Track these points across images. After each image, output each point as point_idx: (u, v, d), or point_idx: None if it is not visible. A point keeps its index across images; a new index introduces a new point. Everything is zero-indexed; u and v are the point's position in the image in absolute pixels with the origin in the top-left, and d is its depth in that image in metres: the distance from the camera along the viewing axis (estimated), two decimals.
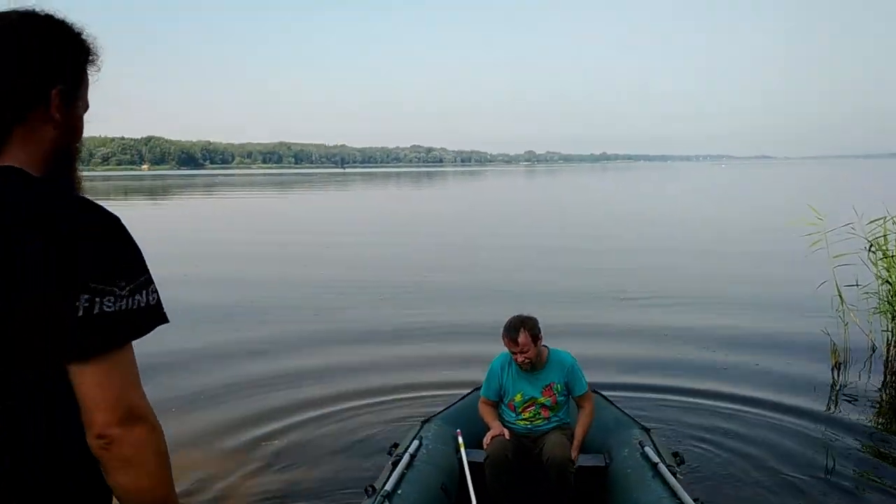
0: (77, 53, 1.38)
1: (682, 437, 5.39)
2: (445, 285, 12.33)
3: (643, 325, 8.79)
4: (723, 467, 4.94)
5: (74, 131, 1.41)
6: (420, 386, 6.57)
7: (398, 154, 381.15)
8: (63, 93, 1.34)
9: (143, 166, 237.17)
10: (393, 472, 3.70)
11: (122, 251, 1.25)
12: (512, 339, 3.97)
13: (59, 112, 1.34)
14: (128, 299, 1.22)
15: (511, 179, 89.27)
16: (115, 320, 1.20)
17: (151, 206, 41.19)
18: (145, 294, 1.25)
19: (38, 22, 1.34)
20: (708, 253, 15.78)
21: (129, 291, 1.23)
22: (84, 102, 1.43)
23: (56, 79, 1.33)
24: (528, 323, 3.99)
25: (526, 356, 3.98)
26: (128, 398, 1.23)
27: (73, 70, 1.37)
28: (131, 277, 1.24)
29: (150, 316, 1.27)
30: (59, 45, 1.34)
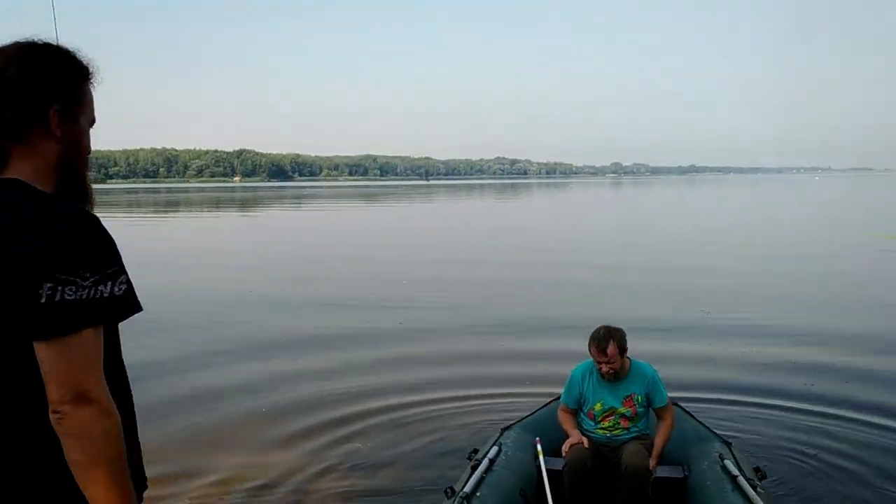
0: (71, 74, 1.53)
1: (774, 450, 5.33)
2: (531, 297, 12.38)
3: (728, 342, 8.64)
4: (817, 481, 4.86)
5: (77, 146, 1.55)
6: (500, 393, 6.69)
7: (482, 166, 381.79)
8: (61, 111, 1.49)
9: (235, 178, 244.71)
10: (472, 476, 3.80)
11: (90, 246, 1.37)
12: (601, 349, 4.02)
13: (60, 128, 1.50)
14: (90, 289, 1.35)
15: (596, 192, 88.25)
16: (75, 308, 1.33)
17: (249, 216, 42.56)
18: (110, 285, 1.37)
19: (35, 50, 1.50)
20: (798, 271, 15.32)
21: (93, 282, 1.35)
22: (87, 118, 1.58)
23: (53, 99, 1.48)
24: (616, 334, 4.05)
25: (612, 367, 4.04)
26: (80, 380, 1.34)
27: (70, 89, 1.52)
28: (96, 269, 1.36)
29: (114, 305, 1.39)
30: (54, 68, 1.49)
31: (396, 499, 4.75)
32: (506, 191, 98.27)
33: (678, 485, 4.03)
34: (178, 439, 5.80)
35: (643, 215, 38.23)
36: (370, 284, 14.03)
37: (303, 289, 13.65)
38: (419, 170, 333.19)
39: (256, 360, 8.18)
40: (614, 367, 4.05)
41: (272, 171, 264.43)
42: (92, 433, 1.35)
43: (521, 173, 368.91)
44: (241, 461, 5.41)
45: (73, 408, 1.34)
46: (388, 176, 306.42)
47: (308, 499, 4.79)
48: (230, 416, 6.41)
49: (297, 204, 60.05)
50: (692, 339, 8.81)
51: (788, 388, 6.86)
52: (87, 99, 1.58)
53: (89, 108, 1.58)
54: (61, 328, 1.33)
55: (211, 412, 6.47)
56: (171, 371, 7.65)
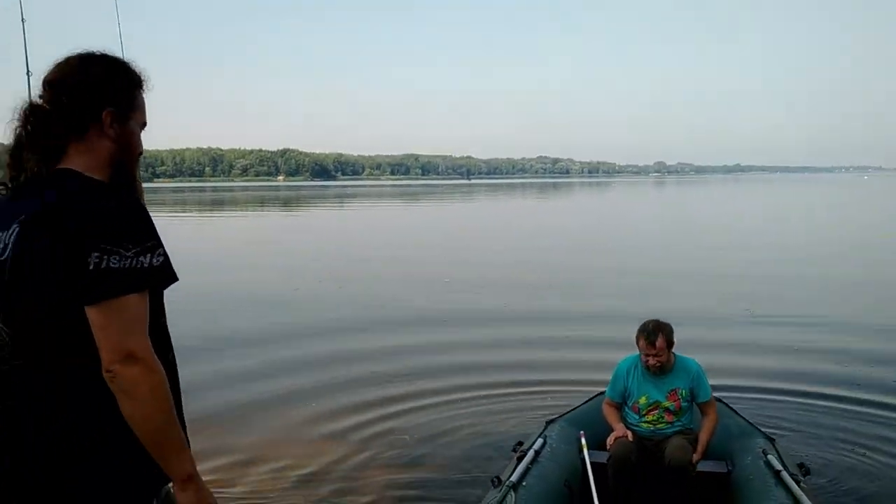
0: (124, 81, 1.74)
1: (820, 446, 5.39)
2: (577, 292, 12.44)
3: (775, 340, 8.62)
4: (864, 478, 4.90)
5: (128, 146, 1.75)
6: (547, 382, 6.93)
7: (524, 165, 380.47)
8: (114, 113, 1.70)
9: (279, 177, 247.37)
10: (518, 466, 3.90)
11: (131, 222, 1.56)
12: (650, 342, 4.10)
13: (112, 128, 1.71)
14: (132, 259, 1.52)
15: (639, 192, 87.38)
16: (119, 274, 1.51)
17: (294, 215, 43.10)
18: (149, 256, 1.55)
19: (94, 59, 1.73)
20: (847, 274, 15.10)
21: (135, 253, 1.53)
22: (138, 120, 1.78)
23: (107, 102, 1.70)
24: (665, 328, 4.13)
25: (659, 360, 4.12)
26: (127, 342, 1.51)
27: (122, 95, 1.73)
28: (138, 242, 1.54)
29: (153, 274, 1.57)
30: (109, 75, 1.71)
31: (443, 488, 4.89)
32: (547, 190, 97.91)
33: (721, 479, 4.08)
34: (224, 424, 6.03)
35: (689, 216, 37.82)
36: (414, 282, 14.23)
37: (348, 286, 13.87)
38: (460, 169, 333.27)
39: (303, 350, 8.53)
40: (661, 361, 4.12)
41: (315, 170, 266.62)
42: (140, 389, 1.52)
43: (564, 172, 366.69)
44: (288, 450, 5.59)
45: (122, 367, 1.51)
46: (429, 175, 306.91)
47: (355, 489, 4.94)
48: (278, 405, 6.63)
49: (340, 203, 60.64)
50: (737, 335, 8.81)
51: (835, 383, 6.88)
52: (139, 104, 1.78)
53: (140, 113, 1.79)
54: (108, 292, 1.50)
55: (259, 401, 6.69)
56: (215, 358, 7.89)
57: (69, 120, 1.67)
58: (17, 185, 1.67)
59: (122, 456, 1.58)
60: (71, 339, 1.56)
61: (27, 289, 1.58)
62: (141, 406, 1.52)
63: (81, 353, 1.55)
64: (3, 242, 1.62)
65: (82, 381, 1.57)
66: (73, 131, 1.67)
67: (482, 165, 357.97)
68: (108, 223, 1.54)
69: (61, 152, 1.67)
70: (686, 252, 18.83)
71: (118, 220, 1.55)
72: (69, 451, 1.57)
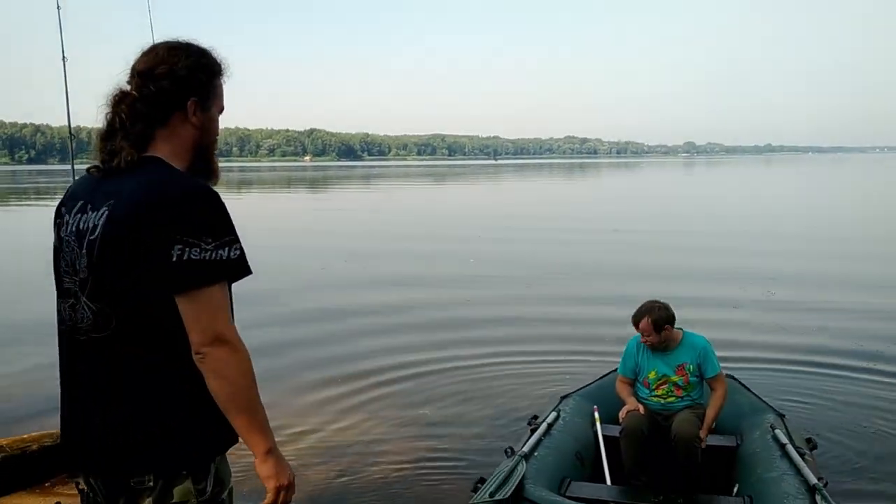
0: (207, 71, 1.85)
1: (832, 422, 5.55)
2: (602, 273, 12.53)
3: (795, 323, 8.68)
4: (871, 455, 5.02)
5: (209, 131, 1.88)
6: (561, 359, 7.13)
7: (551, 145, 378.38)
8: (197, 102, 1.82)
9: (306, 157, 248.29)
10: (531, 437, 4.06)
11: (211, 217, 1.67)
12: (635, 322, 4.34)
13: (195, 116, 1.83)
14: (212, 252, 1.64)
15: (668, 173, 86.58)
16: (201, 265, 1.63)
17: (322, 195, 43.35)
18: (228, 250, 1.67)
19: (179, 50, 1.82)
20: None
21: (214, 246, 1.65)
22: (218, 107, 1.90)
23: (192, 92, 1.81)
24: (654, 312, 4.28)
25: (647, 339, 4.31)
26: (214, 325, 1.65)
27: (204, 84, 1.84)
28: (217, 236, 1.66)
29: (231, 266, 1.68)
30: (194, 66, 1.82)
31: (458, 458, 5.10)
32: (574, 171, 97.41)
33: (730, 453, 4.20)
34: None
35: (721, 199, 37.52)
36: (441, 260, 14.41)
37: (377, 263, 14.09)
38: (487, 149, 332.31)
39: (331, 326, 8.85)
40: (650, 341, 4.31)
41: (342, 150, 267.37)
42: (228, 368, 1.66)
43: (591, 153, 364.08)
44: (310, 423, 5.81)
45: (211, 349, 1.65)
46: (455, 155, 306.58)
47: (374, 458, 5.15)
48: (301, 378, 6.86)
49: (366, 183, 60.92)
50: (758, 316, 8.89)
51: (850, 360, 7.03)
52: (219, 91, 1.91)
53: (220, 99, 1.92)
54: (194, 282, 1.64)
55: (283, 373, 6.92)
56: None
57: (156, 108, 1.79)
58: (108, 168, 1.78)
59: (180, 426, 1.73)
60: (142, 322, 1.69)
61: (110, 271, 1.70)
62: (229, 385, 1.66)
63: (150, 337, 1.70)
64: (94, 223, 1.74)
65: (146, 361, 1.71)
66: (159, 119, 1.79)
67: (509, 145, 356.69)
68: (189, 217, 1.65)
69: (149, 139, 1.79)
70: (715, 234, 18.77)
71: (199, 214, 1.66)
72: (129, 422, 1.72)
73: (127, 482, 1.74)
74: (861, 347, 7.55)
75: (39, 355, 7.49)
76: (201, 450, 1.77)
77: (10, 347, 8.20)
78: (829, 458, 4.78)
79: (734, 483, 3.95)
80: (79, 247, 1.75)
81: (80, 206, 1.80)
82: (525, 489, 3.32)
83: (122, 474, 1.74)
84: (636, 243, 16.77)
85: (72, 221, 1.80)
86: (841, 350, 7.48)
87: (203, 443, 1.77)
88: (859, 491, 4.48)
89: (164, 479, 1.72)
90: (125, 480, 1.74)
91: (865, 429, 5.46)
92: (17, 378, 7.02)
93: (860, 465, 4.86)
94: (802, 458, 3.75)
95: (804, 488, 3.35)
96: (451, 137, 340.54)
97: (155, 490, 1.73)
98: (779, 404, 4.84)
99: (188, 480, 1.74)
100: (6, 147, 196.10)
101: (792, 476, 3.53)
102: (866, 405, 5.95)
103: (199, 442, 1.76)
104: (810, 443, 4.23)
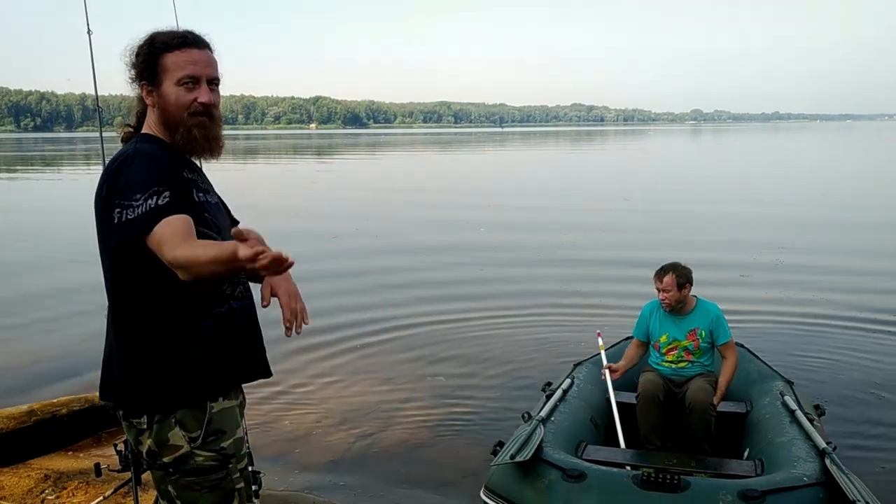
0: (143, 55, 2.05)
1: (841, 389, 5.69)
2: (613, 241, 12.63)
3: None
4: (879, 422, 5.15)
5: (169, 105, 2.04)
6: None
7: (558, 113, 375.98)
8: (145, 84, 2.06)
9: (312, 125, 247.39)
10: (547, 403, 4.18)
11: (137, 176, 1.91)
12: (659, 277, 4.42)
13: (151, 97, 2.06)
14: (142, 206, 1.86)
15: (677, 140, 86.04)
16: (135, 222, 1.85)
17: (331, 162, 43.24)
18: (157, 199, 1.87)
19: (139, 41, 2.08)
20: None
21: (143, 199, 1.86)
22: (173, 79, 2.04)
23: (139, 76, 2.07)
24: (678, 269, 4.41)
25: (667, 296, 4.39)
26: (165, 256, 1.82)
27: (145, 66, 2.05)
28: (144, 190, 1.87)
29: (163, 210, 1.85)
30: (136, 55, 2.06)
31: (475, 424, 5.24)
32: (580, 139, 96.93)
33: (740, 419, 4.32)
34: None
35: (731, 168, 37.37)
36: (452, 228, 14.50)
37: (388, 232, 14.19)
38: (493, 117, 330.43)
39: (347, 295, 8.86)
40: (669, 298, 4.40)
41: (347, 118, 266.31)
42: (186, 267, 1.79)
43: (598, 120, 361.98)
44: (329, 391, 5.95)
45: (170, 260, 1.80)
46: (461, 123, 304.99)
47: (393, 425, 5.29)
48: (319, 347, 6.98)
49: (372, 151, 60.80)
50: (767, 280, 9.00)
51: (858, 323, 7.19)
52: (168, 65, 2.06)
53: (174, 71, 2.06)
54: (137, 236, 1.87)
55: (298, 345, 7.04)
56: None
57: (138, 96, 2.11)
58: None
59: (176, 368, 1.99)
60: (117, 279, 2.00)
61: (97, 236, 2.02)
62: (191, 270, 1.78)
63: (125, 292, 1.99)
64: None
65: (135, 311, 1.99)
66: (140, 101, 2.11)
67: (515, 113, 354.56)
68: (120, 181, 1.91)
69: (141, 118, 2.13)
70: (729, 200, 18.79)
71: (126, 176, 1.92)
72: (136, 366, 2.00)
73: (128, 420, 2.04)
74: (868, 312, 7.68)
75: (64, 320, 7.69)
76: (167, 397, 1.99)
77: (31, 314, 8.38)
78: (837, 424, 4.90)
79: (744, 448, 4.06)
80: None
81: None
82: (543, 452, 3.43)
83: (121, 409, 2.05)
84: (648, 211, 16.83)
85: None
86: (848, 314, 7.64)
87: (167, 392, 2.00)
88: (867, 456, 4.60)
89: (148, 420, 1.99)
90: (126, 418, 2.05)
91: (873, 394, 5.58)
92: (47, 343, 7.24)
93: (867, 429, 4.99)
94: (811, 423, 3.85)
95: (814, 452, 3.45)
96: (457, 105, 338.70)
97: (152, 431, 2.00)
98: (787, 370, 4.96)
99: (178, 427, 1.99)
100: (11, 115, 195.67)
101: (801, 441, 3.63)
102: (874, 369, 6.08)
103: (164, 390, 1.99)
104: (818, 409, 4.34)
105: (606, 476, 3.27)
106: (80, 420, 4.83)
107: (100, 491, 3.92)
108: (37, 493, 4.05)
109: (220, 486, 2.05)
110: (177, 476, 2.02)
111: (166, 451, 2.00)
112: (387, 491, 4.34)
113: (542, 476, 3.29)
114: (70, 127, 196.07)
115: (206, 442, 2.01)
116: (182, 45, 2.05)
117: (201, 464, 2.01)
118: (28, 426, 4.57)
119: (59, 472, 4.30)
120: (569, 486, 3.19)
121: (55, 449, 4.72)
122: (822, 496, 3.09)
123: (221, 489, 2.05)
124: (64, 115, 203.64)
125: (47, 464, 4.49)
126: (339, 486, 4.39)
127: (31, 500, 3.98)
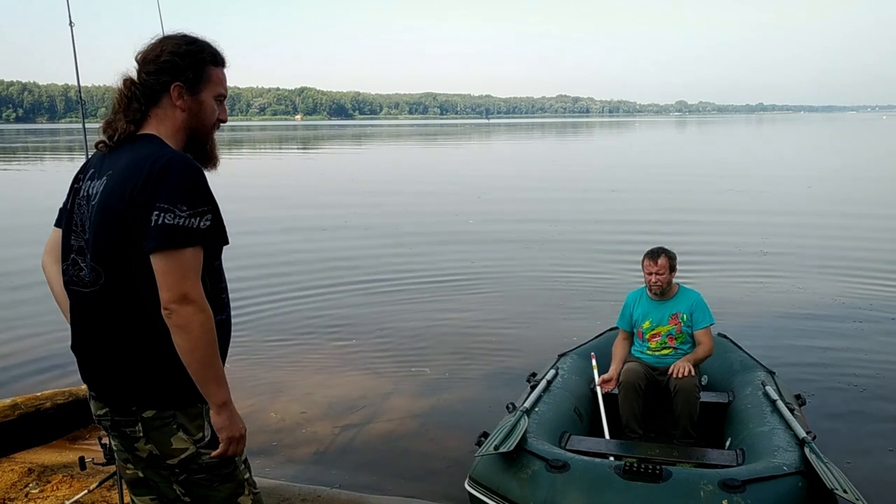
0: (190, 58, 2.01)
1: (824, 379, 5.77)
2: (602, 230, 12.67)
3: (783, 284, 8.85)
4: (858, 412, 5.23)
5: (198, 115, 2.04)
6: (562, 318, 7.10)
7: (543, 104, 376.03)
8: (182, 86, 2.00)
9: (297, 116, 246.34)
10: (531, 394, 4.20)
11: (187, 187, 1.85)
12: (653, 259, 4.47)
13: (182, 100, 2.01)
14: (185, 219, 1.82)
15: (659, 132, 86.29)
16: (174, 230, 1.81)
17: (320, 154, 43.04)
18: (199, 220, 1.85)
19: (169, 40, 2.03)
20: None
21: (188, 214, 1.83)
22: (211, 92, 2.06)
23: (175, 76, 1.99)
24: (669, 252, 4.51)
25: (660, 278, 4.44)
26: (182, 285, 1.81)
27: (188, 70, 2.00)
28: (192, 205, 1.84)
29: (201, 234, 1.85)
30: (178, 54, 2.00)
31: (460, 415, 5.25)
32: (566, 130, 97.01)
33: (722, 409, 4.36)
34: (256, 360, 6.39)
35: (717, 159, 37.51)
36: (440, 219, 14.51)
37: (374, 222, 14.19)
38: (479, 108, 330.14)
39: (333, 285, 8.82)
40: (661, 280, 4.45)
41: (333, 109, 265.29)
42: (191, 325, 1.84)
43: (584, 111, 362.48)
44: (314, 382, 5.97)
45: (178, 306, 1.83)
46: (447, 115, 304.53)
47: (379, 416, 5.31)
48: (305, 339, 6.99)
49: (357, 143, 60.63)
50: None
51: (837, 315, 7.28)
52: (212, 78, 2.08)
53: (215, 86, 2.08)
54: (165, 244, 1.81)
55: (285, 336, 7.05)
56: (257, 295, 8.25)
57: (148, 91, 2.01)
58: (112, 143, 2.02)
59: (178, 370, 1.90)
60: (126, 280, 1.91)
61: (103, 234, 1.92)
62: (191, 340, 1.83)
63: (132, 294, 1.91)
64: (96, 191, 1.98)
65: (126, 314, 1.93)
66: (150, 101, 2.01)
67: (501, 104, 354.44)
68: (167, 186, 1.83)
69: (145, 118, 2.02)
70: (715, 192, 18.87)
71: (176, 183, 1.84)
72: (132, 362, 1.95)
73: (125, 417, 1.98)
74: (849, 302, 7.75)
75: (43, 315, 7.65)
76: (170, 397, 1.96)
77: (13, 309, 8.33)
78: (817, 413, 4.96)
79: (726, 437, 4.11)
80: (87, 210, 1.98)
81: (91, 175, 2.04)
82: (527, 442, 3.45)
83: (121, 408, 1.98)
84: (634, 200, 16.89)
85: (84, 187, 2.04)
86: (830, 304, 7.74)
87: (168, 392, 1.96)
88: (846, 445, 4.66)
89: (143, 428, 1.95)
90: (124, 415, 1.98)
91: (854, 385, 5.65)
92: (29, 339, 7.17)
93: (847, 419, 5.05)
94: (792, 412, 3.89)
95: (794, 441, 3.49)
96: (443, 96, 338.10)
97: (149, 438, 1.96)
98: (769, 360, 5.01)
99: (180, 431, 1.96)
100: None
101: (782, 430, 3.67)
102: (855, 359, 6.15)
103: (164, 391, 1.96)
104: (799, 398, 4.39)
105: (589, 466, 3.29)
106: (65, 413, 4.81)
107: (84, 484, 3.92)
108: (21, 486, 4.04)
109: (233, 476, 2.05)
110: (185, 476, 2.01)
111: (171, 454, 1.98)
112: (372, 481, 4.36)
113: (525, 466, 3.31)
114: (53, 118, 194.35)
115: (213, 439, 1.99)
116: (223, 63, 2.11)
117: (209, 461, 2.00)
118: (12, 420, 4.55)
119: (44, 466, 4.29)
120: (552, 477, 3.21)
121: (39, 443, 4.71)
122: (801, 485, 3.13)
123: (234, 480, 2.06)
124: (46, 106, 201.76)
125: (31, 457, 4.48)
126: (325, 477, 4.41)
127: (16, 493, 3.97)
